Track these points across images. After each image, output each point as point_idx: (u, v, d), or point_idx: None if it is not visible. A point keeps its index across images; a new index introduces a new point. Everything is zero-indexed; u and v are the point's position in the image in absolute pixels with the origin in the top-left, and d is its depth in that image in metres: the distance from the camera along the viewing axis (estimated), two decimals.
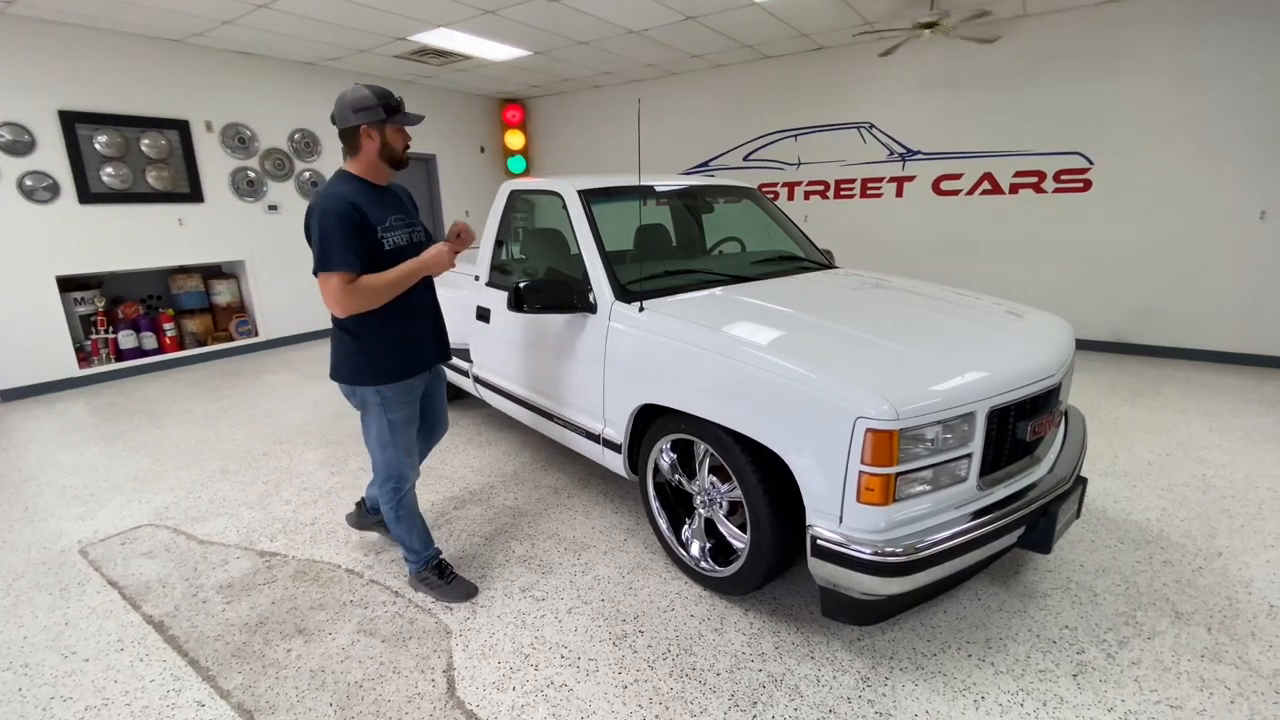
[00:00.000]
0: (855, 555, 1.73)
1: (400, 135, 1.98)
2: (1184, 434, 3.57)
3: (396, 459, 2.14)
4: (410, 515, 2.23)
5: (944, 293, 2.77)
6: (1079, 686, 1.79)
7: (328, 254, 1.83)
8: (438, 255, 2.00)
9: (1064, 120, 5.15)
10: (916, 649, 1.96)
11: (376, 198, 1.97)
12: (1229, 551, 2.43)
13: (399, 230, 2.01)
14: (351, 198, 1.87)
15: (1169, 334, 5.14)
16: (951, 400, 1.75)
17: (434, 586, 2.26)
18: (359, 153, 1.95)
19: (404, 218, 2.06)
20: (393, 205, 2.04)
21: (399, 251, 1.98)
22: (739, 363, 1.98)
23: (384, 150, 1.95)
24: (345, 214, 1.83)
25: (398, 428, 2.11)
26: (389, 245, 1.95)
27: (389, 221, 1.97)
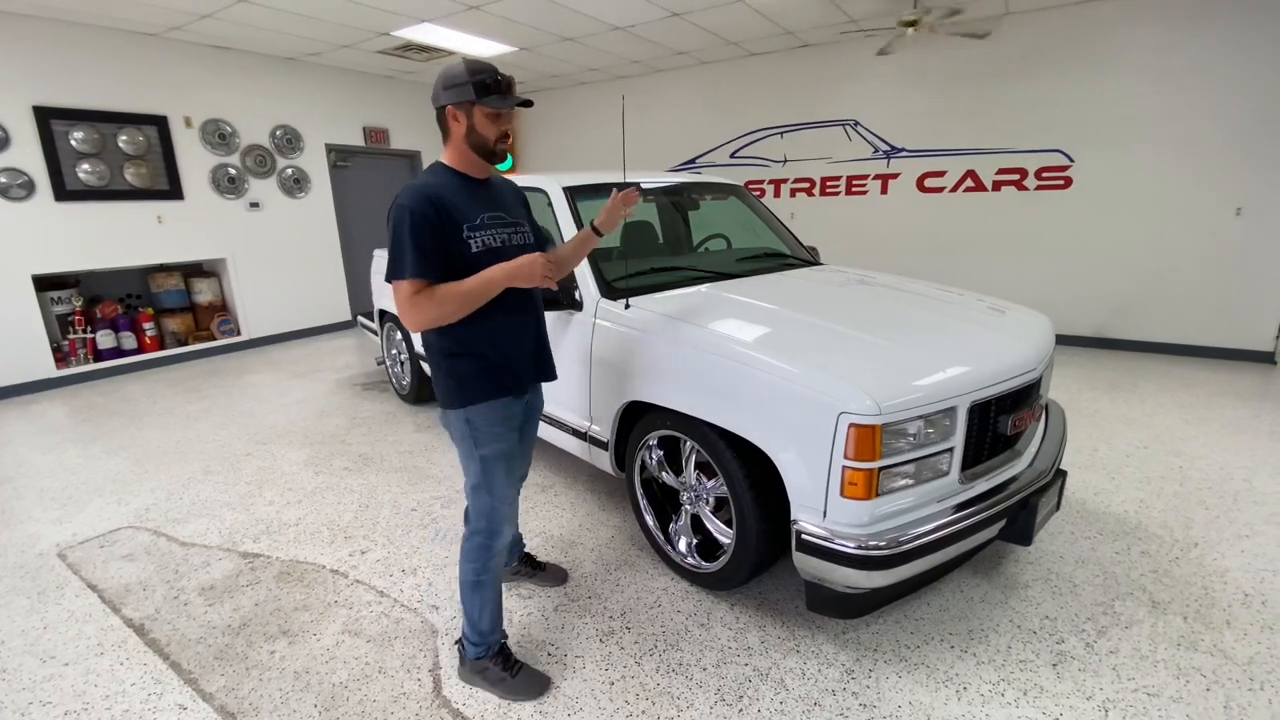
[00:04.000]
0: (839, 549, 1.74)
1: (493, 122, 1.64)
2: (1161, 427, 3.64)
3: (490, 506, 1.76)
4: (493, 585, 1.82)
5: (928, 289, 2.80)
6: (1058, 675, 1.82)
7: (397, 259, 1.57)
8: (527, 265, 1.60)
9: (1045, 118, 5.21)
10: (900, 641, 1.98)
11: (468, 192, 1.68)
12: (1205, 542, 2.48)
13: (492, 230, 1.68)
14: (434, 192, 1.59)
15: (1148, 329, 5.22)
16: (933, 395, 1.77)
17: (495, 681, 1.82)
18: (448, 138, 1.68)
19: (502, 216, 1.73)
20: (489, 201, 1.72)
21: (491, 255, 1.65)
22: (724, 359, 1.98)
23: (470, 137, 1.64)
24: (420, 212, 1.55)
25: (491, 466, 1.73)
26: (476, 247, 1.63)
27: (480, 219, 1.66)
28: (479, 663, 1.84)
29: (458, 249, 1.61)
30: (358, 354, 5.88)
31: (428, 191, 1.59)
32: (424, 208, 1.56)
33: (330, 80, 6.50)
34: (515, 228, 1.76)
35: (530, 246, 1.80)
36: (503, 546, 1.81)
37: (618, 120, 7.48)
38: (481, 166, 1.71)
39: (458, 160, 1.69)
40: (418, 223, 1.55)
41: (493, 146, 1.67)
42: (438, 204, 1.58)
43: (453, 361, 1.70)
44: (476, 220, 1.65)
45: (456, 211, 1.61)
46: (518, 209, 1.83)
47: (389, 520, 2.81)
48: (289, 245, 6.35)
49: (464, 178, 1.70)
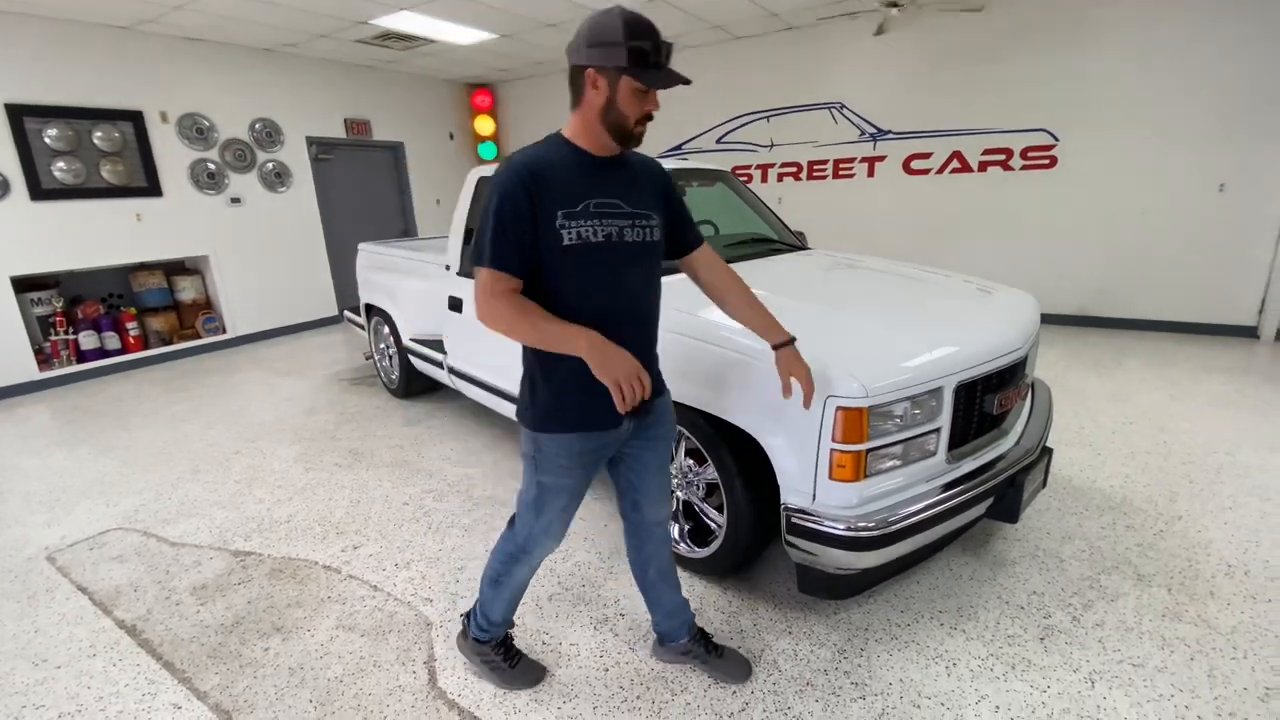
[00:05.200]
0: (829, 531, 1.76)
1: (640, 99, 1.34)
2: (1146, 403, 3.68)
3: (531, 529, 1.61)
4: (511, 589, 1.73)
5: (914, 271, 2.81)
6: (1045, 649, 1.85)
7: (479, 242, 1.36)
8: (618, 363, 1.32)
9: (1030, 98, 5.21)
10: (891, 620, 2.00)
11: (582, 172, 1.39)
12: (1189, 515, 2.52)
13: (597, 220, 1.37)
14: (533, 170, 1.34)
15: (1133, 307, 5.27)
16: (919, 376, 1.78)
17: (493, 668, 1.81)
18: (579, 104, 1.37)
19: (618, 204, 1.41)
20: (605, 184, 1.41)
21: (589, 252, 1.36)
22: (712, 346, 1.98)
23: (608, 113, 1.34)
24: (510, 192, 1.32)
25: (547, 495, 1.55)
26: (570, 239, 1.34)
27: (583, 205, 1.36)
28: (480, 645, 1.81)
29: (547, 240, 1.34)
30: (346, 349, 5.83)
31: (525, 169, 1.34)
32: (515, 189, 1.32)
33: (309, 71, 6.40)
34: (635, 220, 1.43)
35: (652, 246, 1.47)
36: (530, 561, 1.68)
37: None
38: (607, 144, 1.41)
39: (582, 134, 1.40)
40: (505, 206, 1.32)
41: (632, 128, 1.37)
42: (533, 185, 1.32)
43: (533, 378, 1.48)
44: (578, 206, 1.36)
45: (556, 194, 1.35)
46: (649, 197, 1.49)
47: (381, 515, 2.80)
48: (272, 241, 6.27)
49: (583, 154, 1.41)
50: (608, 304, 1.42)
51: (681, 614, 1.82)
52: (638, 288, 1.48)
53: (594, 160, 1.41)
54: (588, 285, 1.39)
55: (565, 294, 1.39)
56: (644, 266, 1.48)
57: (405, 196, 7.68)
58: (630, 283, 1.45)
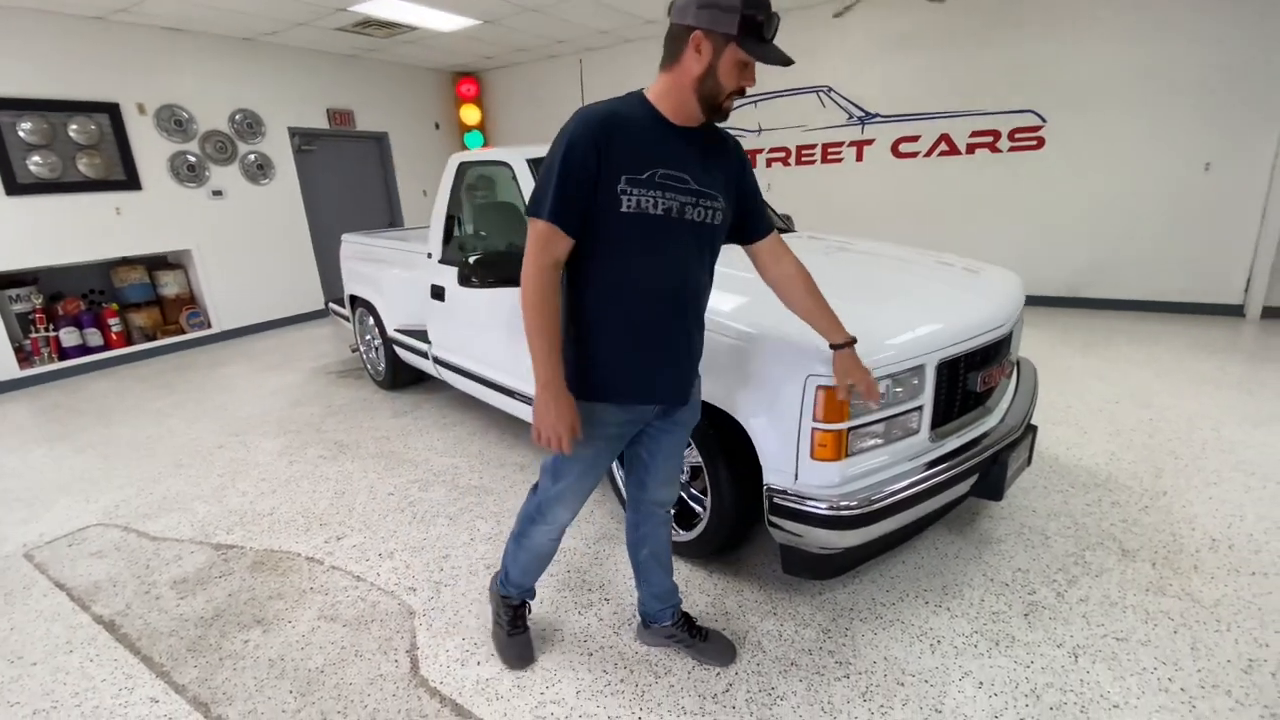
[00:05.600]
0: (811, 511, 1.74)
1: (739, 72, 1.27)
2: (1133, 381, 3.68)
3: (548, 493, 1.58)
4: (529, 553, 1.72)
5: (899, 252, 2.79)
6: (1030, 625, 1.85)
7: (540, 190, 1.29)
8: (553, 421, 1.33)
9: (1017, 78, 5.18)
10: (876, 599, 2.00)
11: (659, 138, 1.30)
12: (1174, 490, 2.52)
13: (660, 192, 1.28)
14: (611, 122, 1.26)
15: (1120, 287, 5.27)
16: (901, 354, 1.76)
17: (498, 625, 1.84)
18: (674, 66, 1.29)
19: (685, 180, 1.32)
20: (680, 157, 1.32)
21: (645, 224, 1.29)
22: None
23: (705, 81, 1.26)
24: (578, 142, 1.24)
25: (562, 461, 1.50)
26: (628, 207, 1.27)
27: (649, 174, 1.27)
28: (498, 595, 1.83)
29: (605, 203, 1.27)
30: (333, 342, 5.78)
31: (598, 121, 1.25)
32: (587, 140, 1.24)
33: (290, 61, 6.30)
34: (700, 199, 1.34)
35: (713, 229, 1.39)
36: (547, 529, 1.65)
37: (592, 93, 7.35)
38: (691, 114, 1.32)
39: (667, 98, 1.32)
40: (572, 157, 1.24)
41: (723, 102, 1.30)
42: (603, 140, 1.24)
43: (566, 335, 1.40)
44: (644, 174, 1.27)
45: (626, 154, 1.26)
46: (719, 176, 1.39)
47: (365, 506, 2.78)
48: (256, 233, 6.19)
49: (662, 120, 1.32)
50: (654, 282, 1.36)
51: (669, 599, 1.81)
52: (689, 270, 1.40)
53: (672, 128, 1.33)
54: (637, 259, 1.33)
55: (611, 262, 1.33)
56: (700, 249, 1.40)
57: (391, 187, 7.59)
58: (682, 264, 1.38)
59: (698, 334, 1.50)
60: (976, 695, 1.62)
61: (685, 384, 1.51)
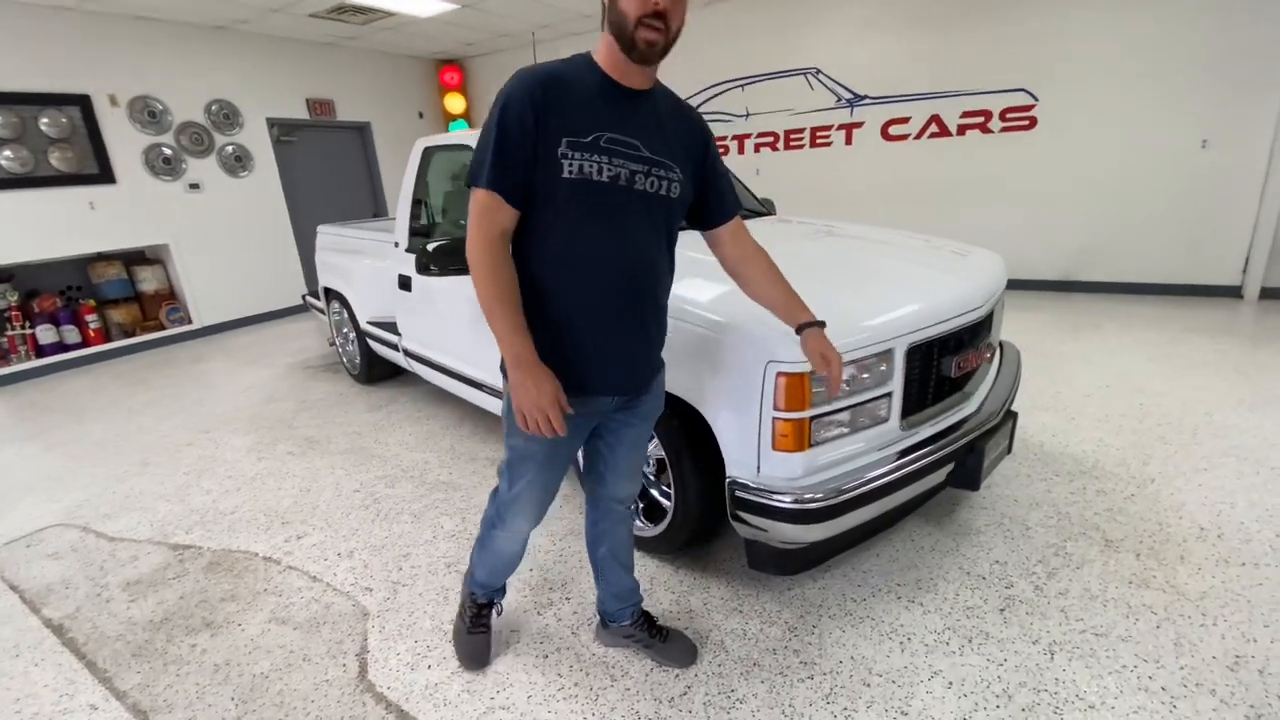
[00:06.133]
0: (774, 504, 1.66)
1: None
2: (1124, 366, 3.58)
3: (505, 494, 1.48)
4: (493, 557, 1.65)
5: (878, 234, 2.69)
6: (1005, 620, 1.76)
7: (475, 161, 1.19)
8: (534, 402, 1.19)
9: (1007, 57, 5.05)
10: (846, 595, 1.91)
11: (605, 101, 1.20)
12: (1162, 477, 2.43)
13: (607, 158, 1.17)
14: (545, 82, 1.16)
15: (1114, 269, 5.16)
16: (866, 338, 1.67)
17: (461, 619, 1.77)
18: (602, 21, 1.21)
19: (635, 146, 1.21)
20: (629, 121, 1.21)
21: (588, 191, 1.18)
22: None
23: (610, 12, 1.16)
24: (514, 103, 1.14)
25: (515, 461, 1.41)
26: (570, 172, 1.16)
27: (594, 137, 1.17)
28: (466, 590, 1.78)
29: (545, 168, 1.16)
30: (314, 337, 5.69)
31: (536, 80, 1.15)
32: (524, 101, 1.14)
33: (266, 50, 6.17)
34: (653, 168, 1.23)
35: (667, 201, 1.27)
36: (510, 536, 1.59)
37: None
38: (633, 70, 1.20)
39: (604, 56, 1.22)
40: (508, 119, 1.14)
41: (633, 32, 1.13)
42: (541, 100, 1.14)
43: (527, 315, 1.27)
44: (588, 137, 1.16)
45: (568, 116, 1.16)
46: (677, 147, 1.28)
47: (329, 503, 2.70)
48: (236, 227, 6.08)
49: (607, 80, 1.21)
50: (604, 258, 1.24)
51: (629, 598, 1.73)
52: (642, 246, 1.27)
53: (620, 90, 1.22)
54: (583, 231, 1.21)
55: (556, 236, 1.22)
56: (654, 223, 1.28)
57: (375, 178, 7.47)
58: (633, 238, 1.25)
59: (657, 318, 1.38)
60: (945, 696, 1.54)
61: (644, 372, 1.40)
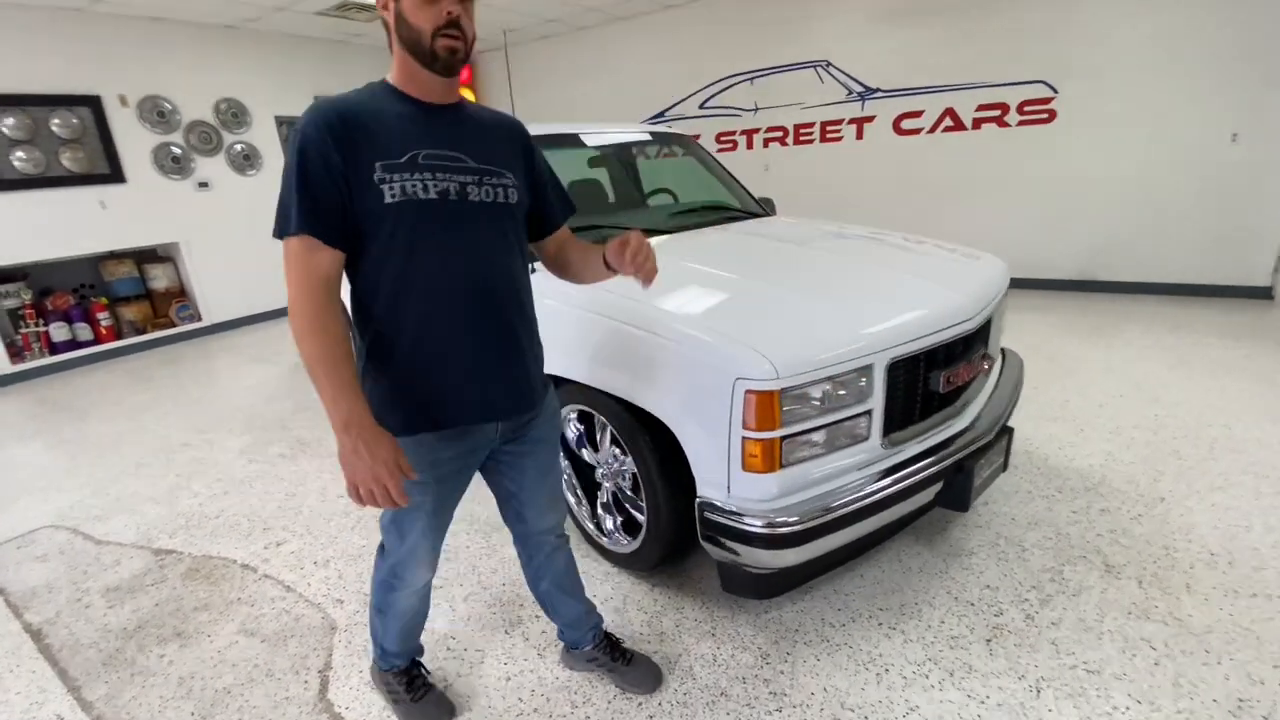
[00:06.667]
0: (743, 528, 1.58)
1: (427, 6, 1.07)
2: (1141, 373, 3.42)
3: (398, 553, 1.36)
4: (399, 619, 1.51)
5: (875, 237, 2.57)
6: (991, 652, 1.67)
7: (284, 205, 1.09)
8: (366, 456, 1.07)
9: (1025, 47, 4.84)
10: (825, 619, 1.83)
11: (408, 120, 1.14)
12: (1173, 496, 2.30)
13: (430, 175, 1.12)
14: (343, 111, 1.08)
15: (1136, 269, 4.95)
16: (844, 354, 1.58)
17: (397, 700, 1.60)
18: (390, 43, 1.16)
19: (459, 158, 1.16)
20: (445, 135, 1.16)
21: (418, 211, 1.11)
22: (619, 324, 1.80)
23: (400, 29, 1.10)
24: (314, 140, 1.05)
25: (405, 516, 1.29)
26: (393, 196, 1.09)
27: (409, 156, 1.11)
28: (382, 674, 1.63)
29: (365, 200, 1.09)
30: None
31: (335, 108, 1.08)
32: (321, 133, 1.06)
33: (274, 48, 6.19)
34: (484, 176, 1.18)
35: (507, 208, 1.22)
36: (410, 592, 1.44)
37: (585, 75, 7.14)
38: (436, 85, 1.15)
39: (399, 74, 1.16)
40: (310, 155, 1.06)
41: (430, 44, 1.08)
42: (342, 131, 1.07)
43: (366, 357, 1.21)
44: (403, 157, 1.10)
45: (371, 142, 1.09)
46: (503, 154, 1.24)
47: (312, 509, 2.68)
48: (245, 225, 6.10)
49: (410, 101, 1.15)
50: (448, 278, 1.16)
51: (585, 621, 1.66)
52: (491, 258, 1.20)
53: (426, 107, 1.16)
54: (420, 255, 1.13)
55: (392, 265, 1.13)
56: (499, 232, 1.21)
57: None
58: (479, 252, 1.18)
59: (526, 331, 1.30)
60: None
61: (524, 392, 1.30)
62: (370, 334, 1.19)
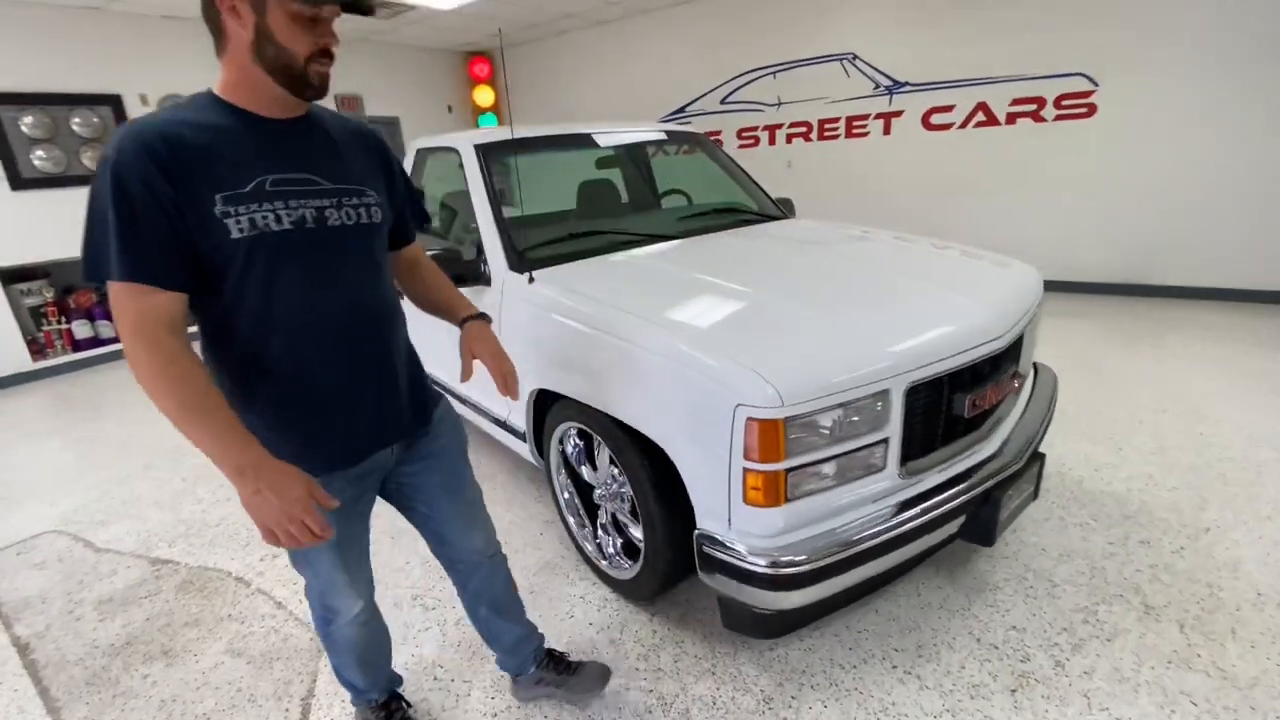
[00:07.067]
0: (744, 567, 1.46)
1: (305, 28, 0.98)
2: (1184, 386, 3.20)
3: (314, 586, 1.29)
4: (347, 652, 1.42)
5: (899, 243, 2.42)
6: (1015, 705, 1.53)
7: (99, 244, 0.93)
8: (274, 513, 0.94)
9: (1064, 37, 4.59)
10: (835, 660, 1.71)
11: (251, 139, 1.01)
12: (1219, 527, 2.11)
13: (282, 202, 1.01)
14: (166, 135, 0.94)
15: (1182, 272, 4.67)
16: (857, 378, 1.45)
17: None
18: (224, 50, 1.00)
19: (312, 180, 1.06)
20: (293, 155, 1.05)
21: (271, 245, 1.00)
22: (614, 339, 1.69)
23: (263, 49, 0.98)
24: (133, 164, 0.91)
25: (311, 552, 1.21)
26: (240, 231, 0.97)
27: (255, 184, 0.99)
28: (358, 710, 1.58)
29: (206, 237, 0.96)
30: None
31: (153, 134, 0.93)
32: (142, 159, 0.91)
33: None
34: (343, 197, 1.08)
35: (371, 229, 1.12)
36: (345, 623, 1.34)
37: (605, 70, 7.03)
38: (282, 99, 1.03)
39: (238, 88, 1.02)
40: (129, 188, 0.91)
41: (303, 69, 0.99)
42: (168, 157, 0.93)
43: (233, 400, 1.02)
44: (248, 185, 0.98)
45: (208, 170, 0.96)
46: (360, 169, 1.15)
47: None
48: None
49: (246, 116, 1.02)
50: (318, 316, 1.07)
51: (527, 644, 1.60)
52: (358, 283, 1.12)
53: (265, 124, 1.04)
54: (280, 289, 1.02)
55: (249, 304, 1.01)
56: (363, 256, 1.12)
57: None
58: (345, 278, 1.09)
59: (403, 351, 1.24)
60: None
61: (412, 412, 1.25)
62: (229, 378, 1.08)
